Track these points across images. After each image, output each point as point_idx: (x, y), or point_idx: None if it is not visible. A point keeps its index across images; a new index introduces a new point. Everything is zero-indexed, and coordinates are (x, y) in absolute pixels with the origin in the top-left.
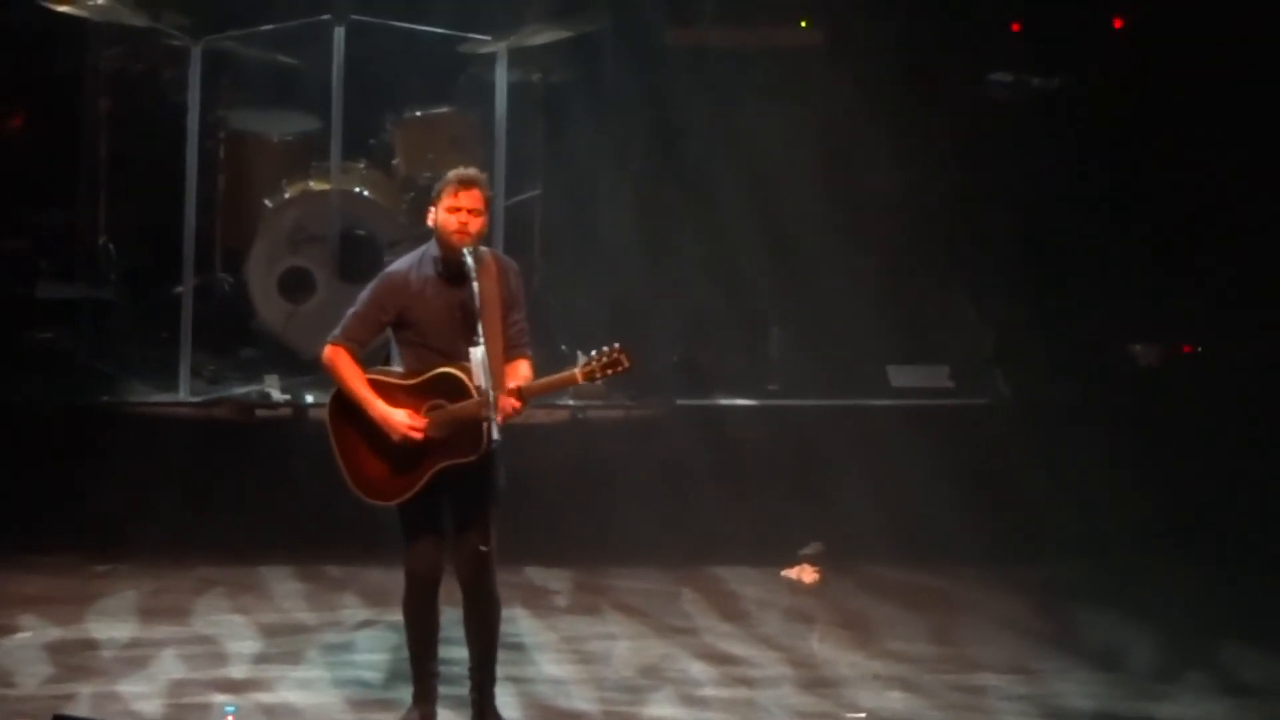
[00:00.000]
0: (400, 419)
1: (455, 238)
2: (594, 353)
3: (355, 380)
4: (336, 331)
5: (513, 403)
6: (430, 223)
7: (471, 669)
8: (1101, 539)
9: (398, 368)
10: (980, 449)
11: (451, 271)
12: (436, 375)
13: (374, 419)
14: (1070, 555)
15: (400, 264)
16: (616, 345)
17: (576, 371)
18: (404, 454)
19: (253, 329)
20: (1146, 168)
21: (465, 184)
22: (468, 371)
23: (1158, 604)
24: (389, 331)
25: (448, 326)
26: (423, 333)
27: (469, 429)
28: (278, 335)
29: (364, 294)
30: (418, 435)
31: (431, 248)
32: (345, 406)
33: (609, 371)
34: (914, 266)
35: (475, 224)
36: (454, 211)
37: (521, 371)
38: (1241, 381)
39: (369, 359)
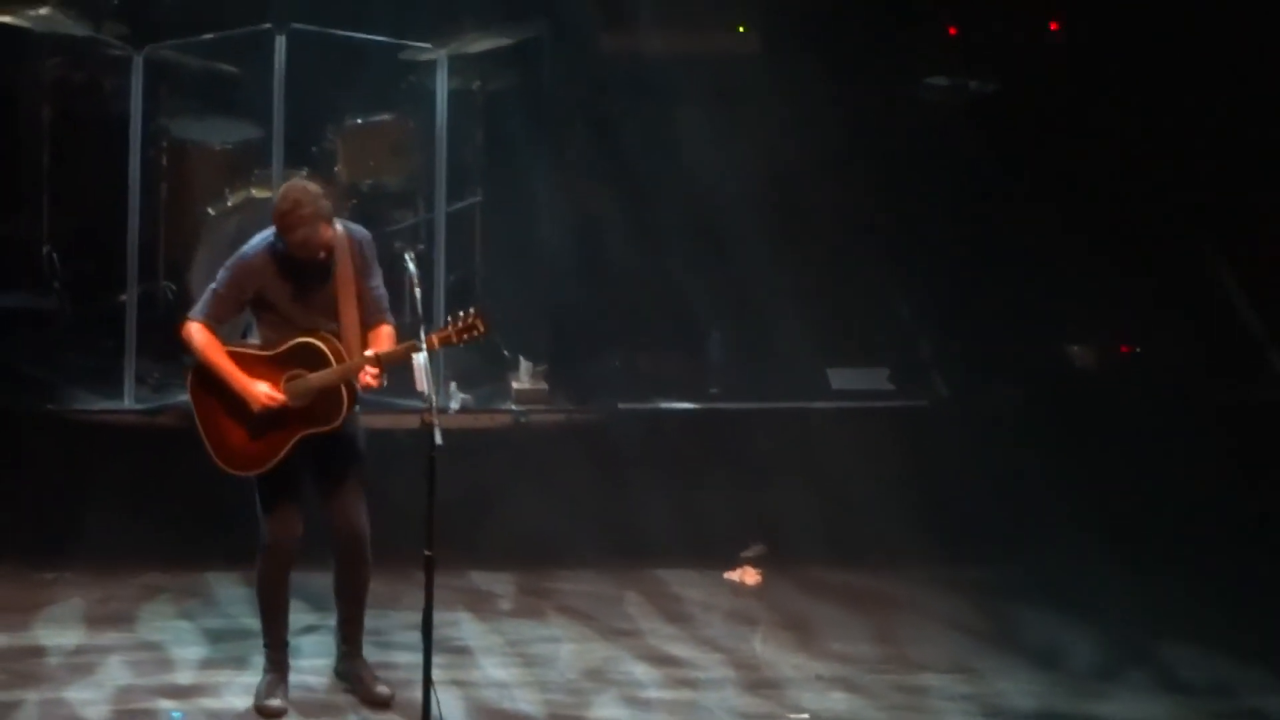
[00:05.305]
0: (260, 390)
1: (321, 257)
2: (449, 318)
3: (216, 354)
4: (196, 308)
5: (371, 370)
6: (288, 240)
7: (342, 623)
8: (1040, 539)
9: (255, 340)
10: (920, 450)
11: (305, 262)
12: (295, 345)
13: (235, 391)
14: (1010, 555)
15: (255, 247)
16: (473, 310)
17: (433, 336)
18: (265, 424)
19: None
20: (1082, 170)
21: (323, 218)
22: (328, 341)
23: (1096, 603)
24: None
25: (305, 305)
26: (281, 311)
27: (329, 397)
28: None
29: (222, 274)
30: (276, 404)
31: (284, 241)
32: (205, 380)
33: (465, 336)
34: (852, 269)
35: (330, 238)
36: (315, 244)
37: (384, 337)
38: (1177, 381)
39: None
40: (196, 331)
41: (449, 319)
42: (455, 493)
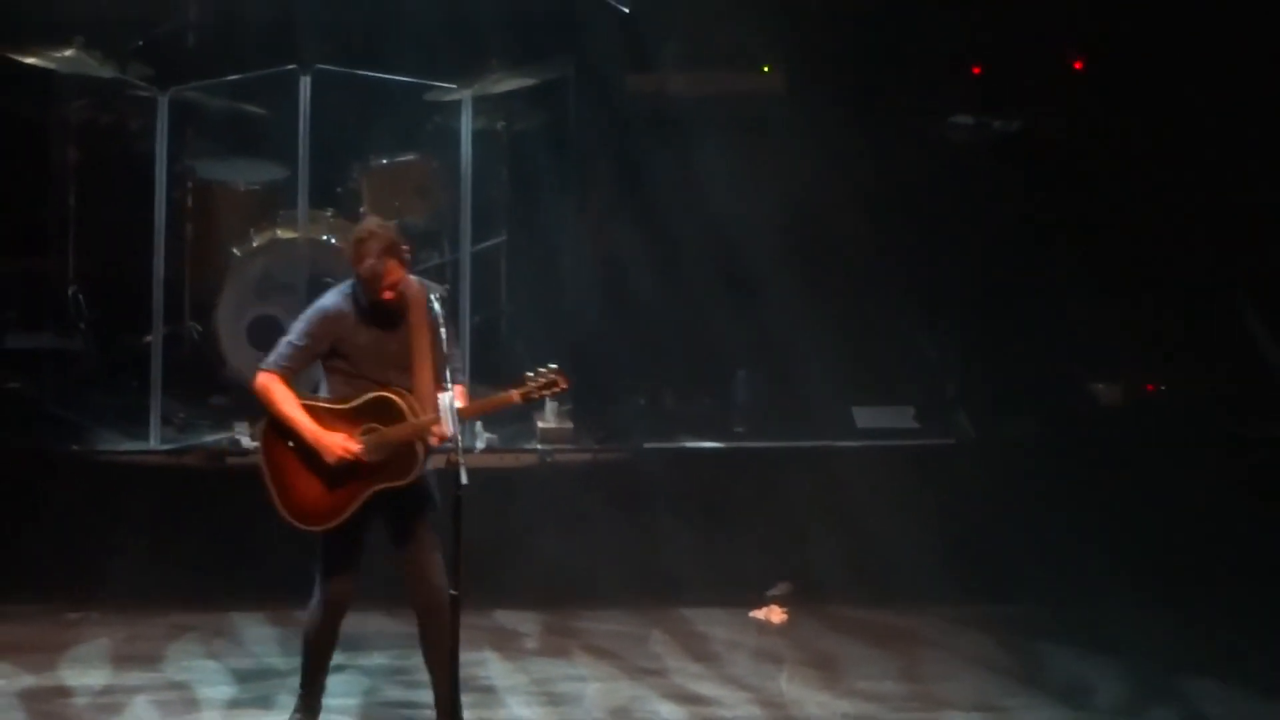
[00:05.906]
0: (335, 441)
1: (387, 296)
2: (530, 374)
3: (290, 405)
4: (270, 359)
5: (446, 427)
6: (358, 271)
7: (440, 696)
8: (1066, 576)
9: (325, 394)
10: (945, 488)
11: (380, 311)
12: (371, 399)
13: (309, 442)
14: (1035, 593)
15: (333, 298)
16: (554, 366)
17: (515, 393)
18: (337, 477)
19: (222, 377)
20: (1107, 208)
21: (392, 255)
22: (403, 396)
23: (1122, 640)
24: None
25: (379, 358)
26: (355, 363)
27: (403, 452)
28: (247, 383)
29: (299, 325)
30: (352, 457)
31: (359, 285)
32: (279, 432)
33: (546, 392)
34: (877, 307)
35: (399, 279)
36: (382, 278)
37: (457, 395)
38: (1202, 418)
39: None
40: (271, 383)
41: (530, 374)
42: (481, 532)
